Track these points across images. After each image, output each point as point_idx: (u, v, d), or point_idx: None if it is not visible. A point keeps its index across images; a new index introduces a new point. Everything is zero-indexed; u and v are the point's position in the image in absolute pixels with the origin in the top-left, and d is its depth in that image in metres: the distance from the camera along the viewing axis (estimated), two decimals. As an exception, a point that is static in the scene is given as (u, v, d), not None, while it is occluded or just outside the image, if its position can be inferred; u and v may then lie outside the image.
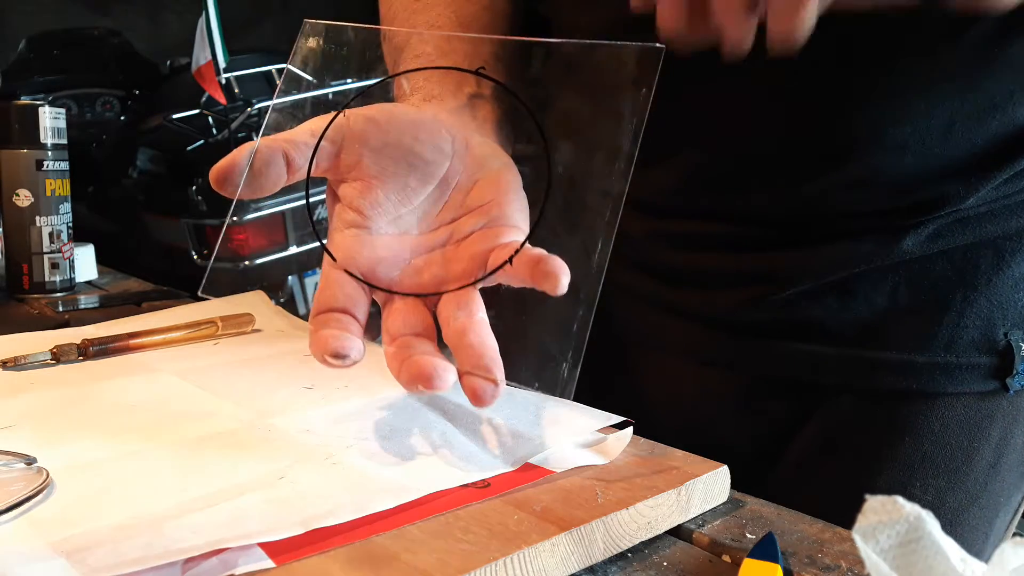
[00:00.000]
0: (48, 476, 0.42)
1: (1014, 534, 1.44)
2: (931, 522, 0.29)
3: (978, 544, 0.63)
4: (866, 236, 0.57)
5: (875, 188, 0.56)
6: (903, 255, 0.57)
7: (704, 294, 0.63)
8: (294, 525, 0.37)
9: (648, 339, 0.67)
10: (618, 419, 0.50)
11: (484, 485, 0.43)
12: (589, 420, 0.50)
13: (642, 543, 0.42)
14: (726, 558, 0.41)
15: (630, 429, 0.49)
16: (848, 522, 0.49)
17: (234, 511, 0.39)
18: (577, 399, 0.51)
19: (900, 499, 0.29)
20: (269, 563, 0.35)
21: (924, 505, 0.61)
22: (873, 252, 0.57)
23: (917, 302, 0.58)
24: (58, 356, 0.63)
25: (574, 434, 0.48)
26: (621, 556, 0.41)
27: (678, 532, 0.43)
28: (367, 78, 0.59)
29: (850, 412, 0.61)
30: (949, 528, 0.59)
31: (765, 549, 0.39)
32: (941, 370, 0.59)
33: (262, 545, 0.36)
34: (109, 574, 0.34)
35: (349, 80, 0.92)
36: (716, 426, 0.65)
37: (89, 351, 0.64)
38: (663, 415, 0.58)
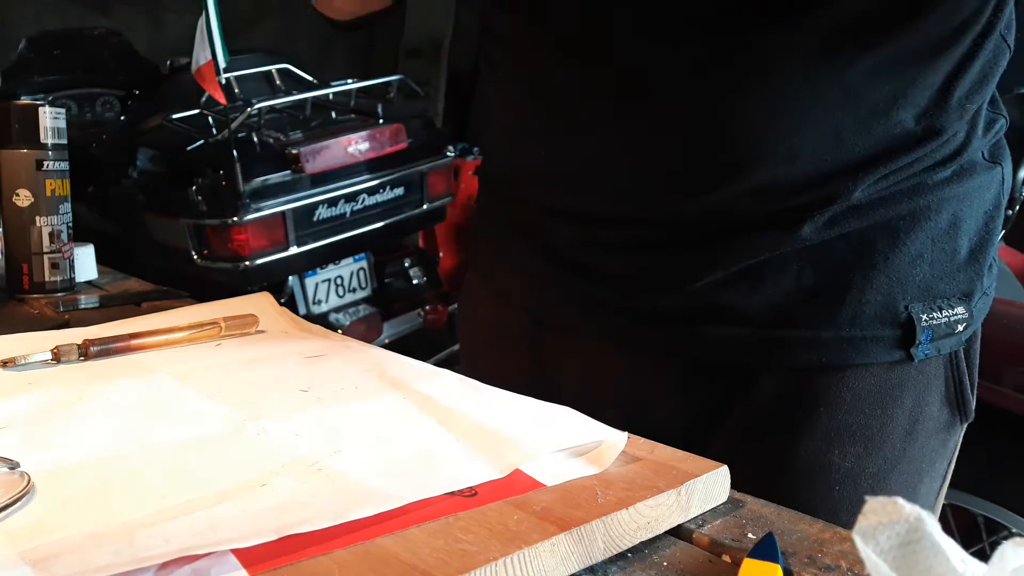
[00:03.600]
0: (30, 482, 0.41)
1: (1015, 534, 1.44)
2: (931, 523, 0.29)
3: None
4: (768, 229, 0.61)
5: (772, 193, 0.61)
6: (803, 242, 0.61)
7: (630, 289, 0.66)
8: (268, 532, 0.37)
9: (584, 332, 0.71)
10: (611, 430, 0.49)
11: (471, 494, 0.42)
12: (581, 427, 0.49)
13: (642, 543, 0.42)
14: (726, 558, 0.41)
15: (624, 436, 0.48)
16: (776, 494, 0.52)
17: (210, 519, 0.38)
18: (514, 388, 0.54)
19: (900, 500, 0.29)
20: (243, 573, 0.35)
21: (844, 472, 0.64)
22: (776, 241, 0.61)
23: (821, 283, 0.62)
24: (58, 356, 0.63)
25: (565, 440, 0.48)
26: (621, 556, 0.41)
27: (678, 532, 0.43)
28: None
29: (770, 390, 0.64)
30: (872, 493, 0.62)
31: (765, 549, 0.39)
32: (848, 344, 0.62)
33: (237, 554, 0.36)
34: None
35: (350, 81, 0.91)
36: (652, 412, 0.68)
37: (90, 351, 0.64)
38: (602, 404, 0.59)
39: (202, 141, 2.59)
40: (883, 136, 0.59)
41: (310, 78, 3.02)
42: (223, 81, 2.33)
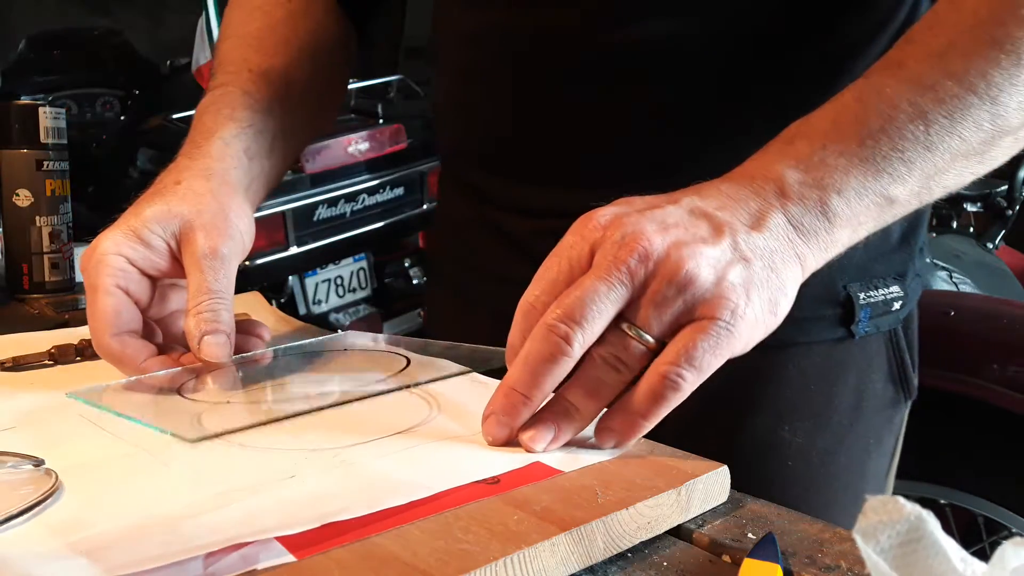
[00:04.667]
0: (57, 478, 0.42)
1: (1015, 533, 1.44)
2: (931, 522, 0.29)
3: (853, 483, 0.69)
4: None
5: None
6: None
7: None
8: (310, 520, 0.37)
9: None
10: None
11: (494, 481, 0.43)
12: (595, 420, 0.50)
13: (642, 543, 0.42)
14: (726, 558, 0.41)
15: None
16: (730, 471, 0.55)
17: (249, 509, 0.39)
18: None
19: (900, 499, 0.29)
20: (289, 557, 0.36)
21: (795, 448, 0.67)
22: None
23: None
24: (56, 357, 0.63)
25: (581, 434, 0.48)
26: (621, 556, 0.41)
27: (678, 532, 0.43)
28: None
29: (723, 368, 0.65)
30: (822, 468, 0.68)
31: (765, 549, 0.39)
32: (791, 323, 0.63)
33: (281, 540, 0.37)
34: (130, 571, 0.34)
35: (350, 81, 0.92)
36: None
37: (87, 352, 0.64)
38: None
39: (202, 141, 2.58)
40: None
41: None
42: (223, 81, 2.33)
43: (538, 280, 0.47)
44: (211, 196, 0.59)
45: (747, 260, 0.45)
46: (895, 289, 0.68)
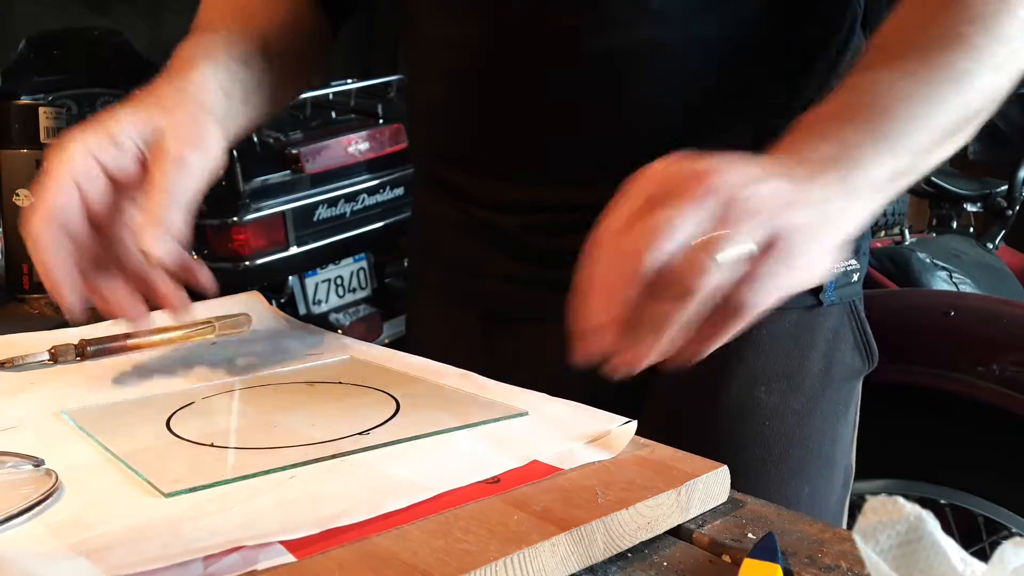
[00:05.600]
0: (57, 478, 0.42)
1: (1015, 533, 1.44)
2: (931, 522, 0.29)
3: (826, 447, 0.73)
4: None
5: None
6: None
7: (572, 266, 0.69)
8: (309, 525, 0.37)
9: (527, 315, 0.74)
10: (621, 419, 0.50)
11: (495, 481, 0.43)
12: (593, 419, 0.50)
13: (642, 543, 0.42)
14: (726, 558, 0.41)
15: (633, 424, 0.49)
16: (709, 431, 0.60)
17: (249, 512, 0.39)
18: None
19: (900, 499, 0.29)
20: (290, 557, 0.36)
21: (772, 408, 0.70)
22: None
23: None
24: (56, 356, 0.63)
25: (579, 433, 0.49)
26: (621, 556, 0.41)
27: (678, 532, 0.43)
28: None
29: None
30: (797, 428, 0.71)
31: (765, 549, 0.39)
32: None
33: (281, 541, 0.37)
34: (130, 571, 0.34)
35: (350, 81, 0.91)
36: (597, 378, 0.70)
37: (86, 351, 0.64)
38: (546, 379, 0.62)
39: (202, 141, 2.58)
40: (762, 119, 0.66)
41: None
42: (223, 81, 2.33)
43: (614, 215, 0.48)
44: (186, 112, 0.60)
45: (809, 203, 0.47)
46: (852, 262, 0.73)
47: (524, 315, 0.74)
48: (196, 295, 0.60)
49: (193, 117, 0.60)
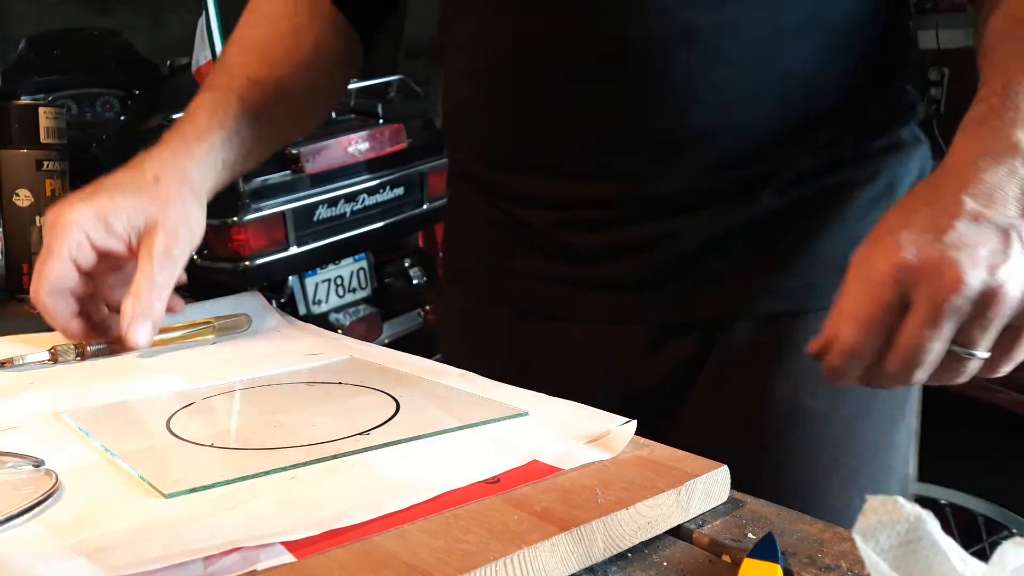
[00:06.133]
0: (57, 479, 0.42)
1: (1014, 533, 1.44)
2: (931, 522, 0.29)
3: (880, 455, 0.70)
4: (733, 197, 0.67)
5: (734, 163, 0.67)
6: (763, 207, 0.67)
7: (611, 264, 0.70)
8: (310, 526, 0.37)
9: (559, 313, 0.74)
10: (621, 419, 0.50)
11: (494, 481, 0.43)
12: (593, 419, 0.50)
13: (642, 543, 0.42)
14: (726, 558, 0.41)
15: (633, 424, 0.49)
16: (753, 437, 0.61)
17: (249, 513, 0.39)
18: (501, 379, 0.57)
19: (900, 499, 0.29)
20: (290, 557, 0.36)
21: (819, 414, 0.68)
22: (740, 207, 0.68)
23: (781, 241, 0.68)
24: (56, 356, 0.63)
25: (579, 433, 0.49)
26: (621, 556, 0.41)
27: (678, 532, 0.43)
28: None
29: (741, 339, 0.69)
30: (844, 437, 0.69)
31: (765, 549, 0.39)
32: (810, 289, 0.68)
33: (281, 541, 0.37)
34: (130, 571, 0.34)
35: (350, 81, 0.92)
36: (628, 377, 0.71)
37: (86, 352, 0.64)
38: (587, 380, 0.63)
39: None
40: (817, 111, 0.67)
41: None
42: (223, 81, 2.33)
43: (849, 320, 0.51)
44: (180, 202, 0.66)
45: None
46: None
47: (556, 312, 0.74)
48: (197, 295, 0.61)
49: (185, 208, 0.67)
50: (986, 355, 0.50)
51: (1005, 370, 0.51)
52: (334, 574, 0.35)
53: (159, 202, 0.65)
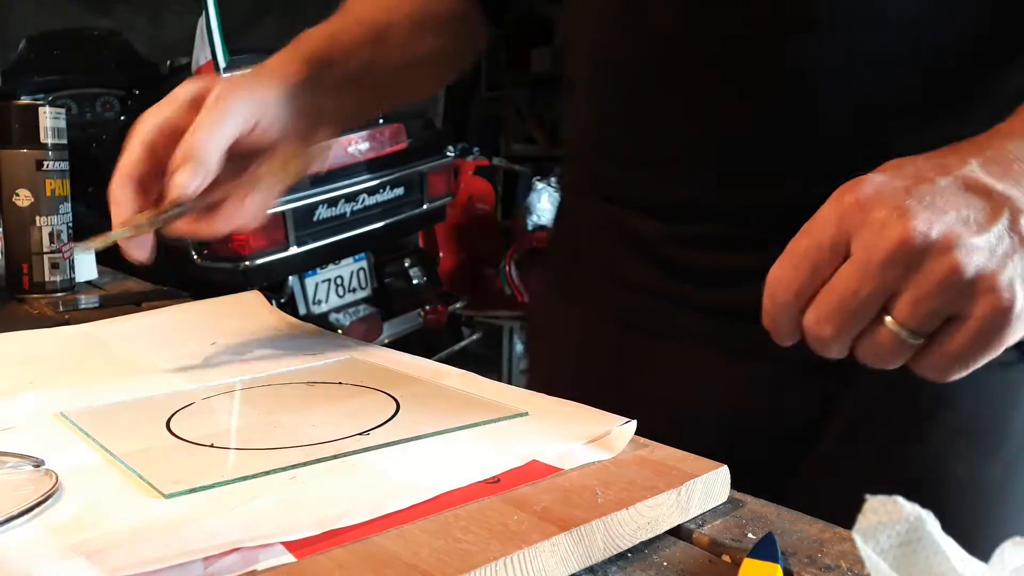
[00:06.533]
0: (57, 479, 0.42)
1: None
2: (931, 522, 0.29)
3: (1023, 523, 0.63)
4: None
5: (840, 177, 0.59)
6: None
7: (722, 290, 0.64)
8: (310, 526, 0.37)
9: (662, 331, 0.68)
10: (621, 419, 0.50)
11: (494, 481, 0.43)
12: (593, 419, 0.50)
13: (642, 543, 0.42)
14: (726, 558, 0.41)
15: (633, 424, 0.49)
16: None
17: (249, 513, 0.39)
18: (597, 397, 0.53)
19: (900, 499, 0.29)
20: (290, 558, 0.36)
21: (962, 481, 0.62)
22: None
23: None
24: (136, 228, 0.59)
25: (579, 433, 0.49)
26: (621, 556, 0.41)
27: (678, 532, 0.43)
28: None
29: (876, 392, 0.62)
30: (995, 502, 0.62)
31: (765, 549, 0.39)
32: None
33: (282, 541, 0.37)
34: (130, 572, 0.34)
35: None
36: (746, 415, 0.65)
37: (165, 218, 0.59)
38: (684, 411, 0.60)
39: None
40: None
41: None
42: (223, 81, 2.33)
43: (787, 256, 0.44)
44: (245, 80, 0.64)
45: None
46: None
47: (660, 331, 0.69)
48: (197, 295, 0.61)
49: (249, 81, 0.63)
50: (916, 338, 0.42)
51: (952, 373, 0.43)
52: (334, 574, 0.35)
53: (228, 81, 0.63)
